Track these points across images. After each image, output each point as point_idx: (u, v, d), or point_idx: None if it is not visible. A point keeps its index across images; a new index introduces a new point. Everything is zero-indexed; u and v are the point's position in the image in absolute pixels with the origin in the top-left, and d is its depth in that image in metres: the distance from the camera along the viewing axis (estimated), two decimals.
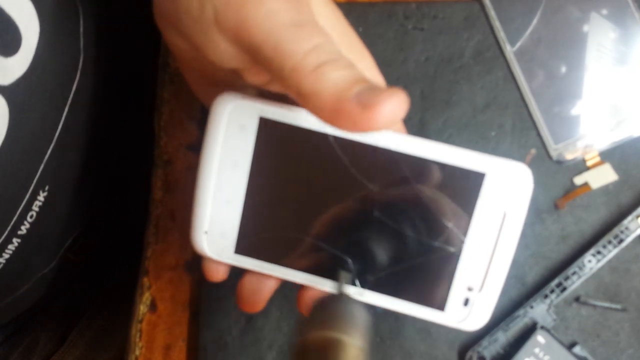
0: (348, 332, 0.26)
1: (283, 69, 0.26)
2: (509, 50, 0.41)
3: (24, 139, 0.34)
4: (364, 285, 0.33)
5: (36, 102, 0.34)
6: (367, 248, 0.33)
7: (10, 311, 0.50)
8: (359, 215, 0.32)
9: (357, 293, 0.33)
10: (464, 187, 0.31)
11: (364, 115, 0.25)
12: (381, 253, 0.33)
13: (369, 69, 0.32)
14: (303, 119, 0.31)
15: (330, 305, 0.28)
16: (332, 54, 0.27)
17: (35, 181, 0.37)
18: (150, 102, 0.43)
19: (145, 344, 0.42)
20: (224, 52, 0.29)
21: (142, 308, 0.42)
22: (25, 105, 0.33)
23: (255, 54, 0.28)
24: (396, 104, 0.25)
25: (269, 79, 0.31)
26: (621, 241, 0.39)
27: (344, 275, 0.32)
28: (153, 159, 0.43)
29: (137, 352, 0.41)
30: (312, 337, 0.26)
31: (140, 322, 0.42)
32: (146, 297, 0.42)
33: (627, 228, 0.39)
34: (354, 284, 0.33)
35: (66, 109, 0.38)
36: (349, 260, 0.33)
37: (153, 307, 0.42)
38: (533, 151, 0.37)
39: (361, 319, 0.28)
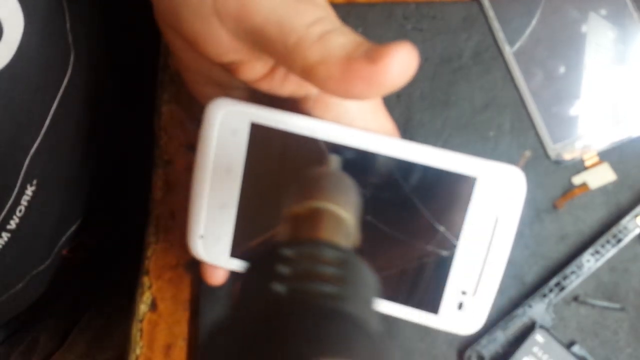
0: (336, 201, 0.24)
1: (287, 45, 0.26)
2: (508, 50, 0.41)
3: (7, 131, 0.34)
4: None
5: (21, 94, 0.34)
6: (360, 251, 0.33)
7: (8, 310, 0.50)
8: None
9: None
10: (456, 191, 0.31)
11: (375, 70, 0.24)
12: (374, 256, 0.33)
13: None
14: (294, 124, 0.31)
15: (318, 175, 0.25)
16: (335, 24, 0.26)
17: (22, 174, 0.37)
18: (151, 102, 0.43)
19: (145, 343, 0.42)
20: (223, 43, 0.29)
21: (143, 307, 0.42)
22: (9, 95, 0.33)
23: (257, 37, 0.27)
24: (406, 53, 0.24)
25: (264, 73, 0.31)
26: (620, 241, 0.39)
27: (333, 158, 0.29)
28: (153, 159, 0.43)
29: (138, 352, 0.42)
30: (299, 208, 0.24)
31: (141, 321, 0.42)
32: (147, 297, 0.42)
33: (625, 228, 0.39)
34: None
35: (55, 104, 0.38)
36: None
37: (154, 306, 0.42)
38: (527, 153, 0.37)
39: (351, 192, 0.25)
